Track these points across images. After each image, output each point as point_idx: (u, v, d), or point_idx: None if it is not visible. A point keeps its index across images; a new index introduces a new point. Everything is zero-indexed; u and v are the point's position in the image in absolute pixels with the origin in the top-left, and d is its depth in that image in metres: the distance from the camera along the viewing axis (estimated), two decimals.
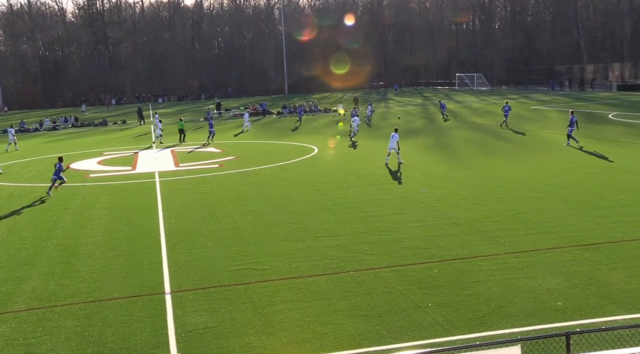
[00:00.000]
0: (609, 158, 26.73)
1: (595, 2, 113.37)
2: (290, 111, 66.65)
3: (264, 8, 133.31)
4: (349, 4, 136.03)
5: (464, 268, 13.25)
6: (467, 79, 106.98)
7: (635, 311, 10.52)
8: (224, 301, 12.04)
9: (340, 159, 30.76)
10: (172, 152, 37.06)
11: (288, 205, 20.48)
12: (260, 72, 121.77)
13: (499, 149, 31.80)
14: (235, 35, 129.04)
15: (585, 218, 16.80)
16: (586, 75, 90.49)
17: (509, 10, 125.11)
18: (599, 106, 56.63)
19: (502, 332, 9.99)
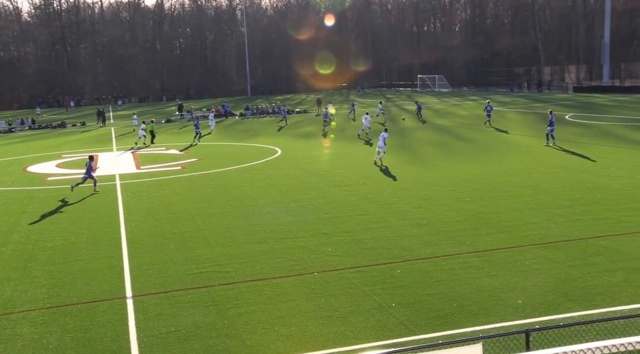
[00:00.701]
0: (565, 158, 27.33)
1: (552, 6, 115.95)
2: (253, 112, 66.36)
3: (226, 9, 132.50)
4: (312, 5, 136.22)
5: (427, 268, 13.38)
6: (428, 80, 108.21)
7: (591, 307, 10.78)
8: (186, 305, 11.91)
9: (304, 160, 30.77)
10: (134, 154, 36.53)
11: (251, 207, 20.39)
12: (223, 74, 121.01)
13: (460, 149, 32.22)
14: (197, 36, 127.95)
15: (543, 217, 17.14)
16: (544, 77, 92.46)
17: (469, 12, 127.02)
18: (556, 107, 57.87)
19: (464, 331, 10.12)
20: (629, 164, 24.96)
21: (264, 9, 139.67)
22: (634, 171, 23.22)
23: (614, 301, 10.97)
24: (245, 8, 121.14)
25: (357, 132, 40.59)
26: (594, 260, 13.28)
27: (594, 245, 14.37)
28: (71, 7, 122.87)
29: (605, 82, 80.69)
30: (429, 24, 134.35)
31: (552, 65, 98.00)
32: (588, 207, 17.94)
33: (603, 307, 10.75)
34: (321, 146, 36.89)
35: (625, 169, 23.73)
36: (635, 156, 26.69)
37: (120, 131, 54.57)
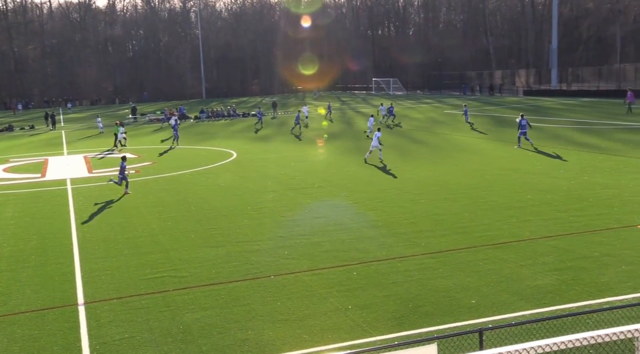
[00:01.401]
0: (516, 160, 27.96)
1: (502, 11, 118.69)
2: (208, 115, 65.78)
3: (180, 11, 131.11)
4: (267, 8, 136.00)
5: (383, 270, 13.49)
6: (383, 83, 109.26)
7: (542, 306, 11.04)
8: (141, 310, 11.72)
9: (260, 163, 30.65)
10: (85, 158, 35.76)
11: (207, 211, 20.20)
12: (177, 76, 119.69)
13: (415, 152, 32.62)
14: (151, 38, 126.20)
15: (495, 218, 17.49)
16: (495, 81, 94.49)
17: (422, 17, 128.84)
18: (507, 110, 59.19)
19: (419, 331, 10.24)
20: (577, 165, 25.69)
21: (218, 12, 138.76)
22: (581, 173, 23.91)
23: (563, 299, 11.26)
24: (200, 10, 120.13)
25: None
26: (544, 260, 13.61)
27: (544, 245, 14.73)
28: (18, 7, 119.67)
29: (553, 86, 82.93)
30: (383, 28, 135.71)
31: (503, 69, 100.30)
32: (538, 208, 18.38)
33: (553, 305, 11.02)
34: (277, 149, 36.81)
35: (573, 171, 24.42)
36: (582, 158, 27.49)
37: (71, 135, 53.38)
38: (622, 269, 12.75)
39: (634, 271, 12.57)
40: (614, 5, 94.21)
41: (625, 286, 11.77)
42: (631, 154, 27.92)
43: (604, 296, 11.34)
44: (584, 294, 11.51)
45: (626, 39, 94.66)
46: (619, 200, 18.87)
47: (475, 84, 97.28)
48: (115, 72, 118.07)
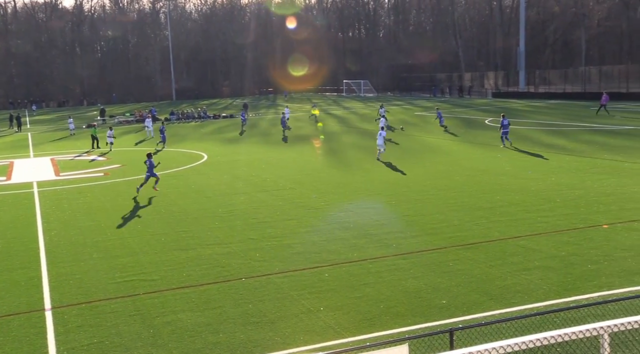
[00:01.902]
0: (486, 161, 28.31)
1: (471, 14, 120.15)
2: (178, 117, 65.25)
3: (149, 12, 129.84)
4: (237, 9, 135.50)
5: (354, 271, 13.53)
6: (354, 85, 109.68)
7: (511, 305, 11.19)
8: (110, 315, 11.57)
9: (231, 165, 30.51)
10: (52, 160, 35.17)
11: (177, 213, 20.03)
12: (147, 78, 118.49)
13: (386, 153, 32.78)
14: (119, 40, 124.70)
15: (465, 219, 17.67)
16: (464, 83, 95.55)
17: (392, 19, 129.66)
18: (476, 111, 59.91)
19: (390, 332, 10.30)
20: (544, 166, 26.11)
21: (188, 13, 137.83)
22: (549, 174, 24.31)
23: (531, 299, 11.44)
24: (169, 11, 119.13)
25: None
26: (513, 259, 13.80)
27: (513, 245, 14.94)
28: None
29: (521, 88, 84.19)
30: (354, 30, 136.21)
31: (472, 72, 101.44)
32: (507, 209, 18.63)
33: (521, 304, 11.18)
34: (248, 150, 36.67)
35: (541, 172, 24.81)
36: (549, 159, 27.94)
37: (38, 137, 52.48)
38: (588, 268, 12.99)
39: (599, 270, 12.82)
40: (578, 9, 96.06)
41: (591, 285, 12.00)
42: (596, 155, 28.48)
43: (570, 295, 11.54)
44: (551, 293, 11.70)
45: (591, 43, 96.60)
46: (584, 200, 19.23)
47: (445, 86, 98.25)
48: (83, 74, 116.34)
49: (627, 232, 15.50)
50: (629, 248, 14.17)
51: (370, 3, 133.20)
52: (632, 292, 11.40)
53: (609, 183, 21.74)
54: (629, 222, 16.36)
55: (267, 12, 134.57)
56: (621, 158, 27.05)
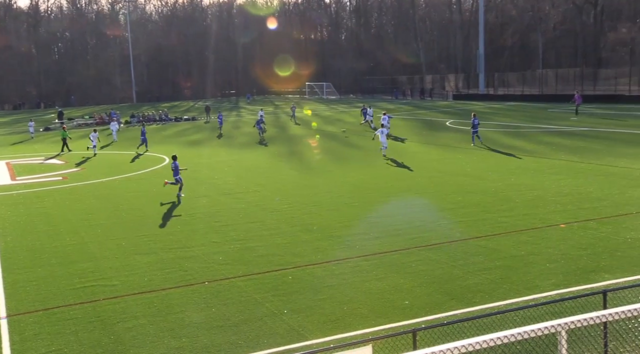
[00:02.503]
0: (447, 163, 28.67)
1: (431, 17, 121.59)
2: (139, 120, 64.37)
3: (108, 13, 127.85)
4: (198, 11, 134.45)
5: (318, 273, 13.54)
6: (316, 87, 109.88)
7: (472, 305, 11.35)
8: (69, 322, 11.33)
9: (192, 168, 30.21)
10: (8, 164, 34.31)
11: (138, 217, 19.75)
12: (106, 80, 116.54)
13: (348, 156, 32.94)
14: (78, 41, 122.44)
15: (428, 220, 17.86)
16: (426, 85, 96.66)
17: (354, 22, 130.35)
18: (438, 113, 60.65)
19: (354, 333, 10.33)
20: (504, 167, 26.57)
21: (148, 14, 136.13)
22: (508, 174, 24.74)
23: (492, 298, 11.62)
24: (129, 12, 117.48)
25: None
26: (474, 259, 14.00)
27: (474, 245, 15.15)
28: None
29: (481, 91, 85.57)
30: (316, 32, 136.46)
31: (433, 74, 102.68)
32: (468, 210, 18.90)
33: (482, 304, 11.34)
34: (211, 153, 36.39)
35: (500, 173, 25.24)
36: (509, 160, 28.45)
37: None
38: (546, 266, 13.26)
39: (557, 269, 13.10)
40: (535, 13, 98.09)
41: (549, 283, 12.25)
42: (554, 156, 29.11)
43: (529, 293, 11.76)
44: (511, 292, 11.90)
45: (547, 46, 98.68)
46: (543, 201, 19.63)
47: (407, 88, 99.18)
48: (39, 76, 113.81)
49: (583, 231, 15.87)
50: (585, 247, 14.52)
51: (332, 6, 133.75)
52: (587, 289, 11.68)
53: (566, 183, 22.24)
54: (585, 221, 16.77)
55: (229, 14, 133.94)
56: (577, 159, 27.71)
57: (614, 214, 17.44)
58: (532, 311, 9.40)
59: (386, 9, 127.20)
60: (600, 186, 21.32)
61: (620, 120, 44.95)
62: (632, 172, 23.55)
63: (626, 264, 13.19)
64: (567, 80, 74.70)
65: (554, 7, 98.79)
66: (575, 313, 6.70)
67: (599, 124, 42.71)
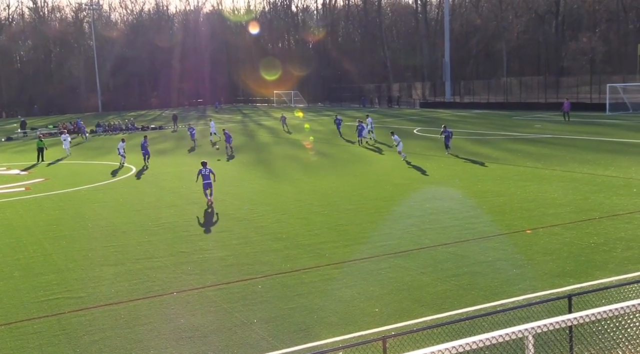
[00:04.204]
0: (415, 170, 28.90)
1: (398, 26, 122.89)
2: (105, 129, 63.53)
3: (72, 21, 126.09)
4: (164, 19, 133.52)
5: (288, 282, 13.50)
6: (284, 96, 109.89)
7: (442, 311, 11.43)
8: (32, 336, 11.08)
9: (160, 178, 29.92)
10: None
11: (104, 228, 19.45)
12: (71, 89, 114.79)
13: (316, 164, 32.98)
14: (40, 49, 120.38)
15: (397, 227, 17.96)
16: (393, 93, 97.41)
17: (321, 30, 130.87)
18: (405, 121, 61.16)
19: (324, 342, 10.31)
20: (470, 174, 26.90)
21: (114, 22, 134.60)
22: (475, 181, 25.05)
23: (461, 304, 11.72)
24: (94, 20, 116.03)
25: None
26: (443, 266, 14.12)
27: (443, 252, 15.29)
28: None
29: (447, 99, 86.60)
30: (284, 41, 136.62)
31: (400, 82, 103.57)
32: (437, 216, 19.06)
33: (451, 310, 11.43)
34: (177, 162, 36.07)
35: (467, 180, 25.54)
36: (475, 167, 28.81)
37: None
38: (513, 272, 13.44)
39: (524, 274, 13.29)
40: (499, 22, 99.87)
41: (516, 289, 12.41)
42: (519, 162, 29.58)
43: (497, 299, 11.90)
44: (479, 298, 12.03)
45: (511, 54, 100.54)
46: (509, 207, 19.92)
47: (374, 96, 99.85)
48: (0, 84, 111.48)
49: (549, 236, 16.15)
50: (550, 252, 14.76)
51: (299, 14, 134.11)
52: (553, 294, 11.87)
53: (531, 189, 22.61)
54: (550, 227, 17.06)
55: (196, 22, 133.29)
56: (541, 165, 28.20)
57: (577, 219, 17.78)
58: (500, 317, 9.50)
59: (353, 17, 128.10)
60: (564, 192, 21.73)
61: (583, 127, 45.94)
62: (595, 178, 24.06)
63: (590, 268, 13.45)
64: (531, 88, 76.06)
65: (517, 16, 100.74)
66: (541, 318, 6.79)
67: (562, 131, 43.58)
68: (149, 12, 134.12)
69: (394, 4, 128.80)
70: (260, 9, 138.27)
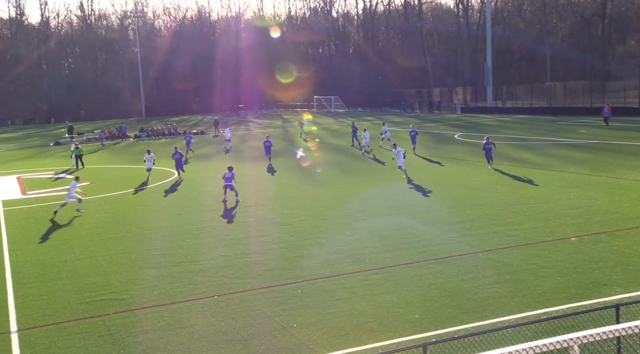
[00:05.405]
0: (456, 176, 28.61)
1: (439, 30, 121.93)
2: (148, 134, 64.70)
3: (118, 28, 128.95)
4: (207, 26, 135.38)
5: (327, 287, 13.51)
6: (325, 101, 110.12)
7: (483, 319, 11.27)
8: (79, 336, 11.34)
9: (201, 182, 30.31)
10: (19, 179, 34.53)
11: (148, 231, 19.80)
12: (115, 95, 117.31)
13: (356, 169, 32.94)
14: (87, 56, 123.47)
15: (437, 233, 17.80)
16: (433, 98, 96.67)
17: (361, 35, 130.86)
18: (446, 126, 60.61)
19: (364, 348, 10.28)
20: (513, 180, 26.47)
21: (157, 29, 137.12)
22: (518, 187, 24.65)
23: (503, 311, 11.54)
24: (138, 28, 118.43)
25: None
26: (484, 273, 13.93)
27: (484, 258, 15.08)
28: None
29: (489, 104, 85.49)
30: (324, 46, 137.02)
31: (440, 87, 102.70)
32: (478, 223, 18.83)
33: (493, 317, 11.27)
34: (219, 167, 36.46)
35: (510, 186, 25.15)
36: (518, 173, 28.33)
37: (3, 155, 51.52)
38: (558, 280, 13.17)
39: (569, 282, 13.01)
40: (543, 26, 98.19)
41: (561, 297, 12.16)
42: (563, 168, 29.00)
43: (541, 307, 11.68)
44: (522, 305, 11.82)
45: (555, 58, 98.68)
46: (553, 213, 19.53)
47: (415, 101, 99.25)
48: (50, 91, 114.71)
49: (595, 244, 15.77)
50: (596, 260, 14.42)
51: (340, 20, 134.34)
52: (600, 303, 11.59)
53: (576, 196, 22.13)
54: (596, 235, 16.66)
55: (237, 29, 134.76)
56: (587, 171, 27.58)
57: (625, 227, 17.33)
58: (544, 325, 9.33)
59: (393, 22, 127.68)
60: (610, 199, 21.21)
61: (630, 132, 44.77)
62: None
63: (639, 277, 13.08)
64: (576, 93, 74.51)
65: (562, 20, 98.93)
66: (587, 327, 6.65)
67: (608, 136, 42.56)
68: (192, 19, 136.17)
69: (435, 9, 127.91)
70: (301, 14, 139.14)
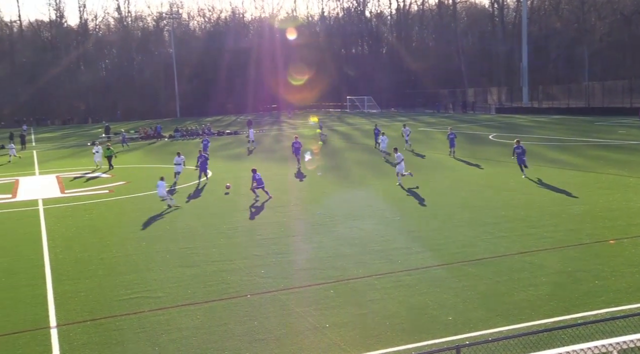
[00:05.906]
0: (490, 177, 28.27)
1: (473, 30, 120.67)
2: (182, 134, 65.44)
3: (153, 30, 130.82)
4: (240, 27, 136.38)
5: (360, 288, 13.48)
6: (357, 101, 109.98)
7: (518, 322, 11.12)
8: (115, 332, 11.53)
9: (234, 182, 30.52)
10: (58, 178, 35.28)
11: (182, 230, 20.03)
12: (151, 95, 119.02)
13: (389, 169, 32.78)
14: (124, 57, 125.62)
15: (471, 235, 17.62)
16: (468, 99, 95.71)
17: (395, 35, 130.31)
18: (480, 127, 59.97)
19: (396, 349, 10.23)
20: (549, 182, 26.05)
21: (192, 30, 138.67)
22: (553, 189, 24.24)
23: (539, 315, 11.36)
24: (173, 29, 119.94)
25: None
26: (519, 275, 13.73)
27: (519, 261, 14.87)
28: None
29: (525, 104, 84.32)
30: (357, 46, 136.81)
31: (475, 87, 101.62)
32: (512, 224, 18.58)
33: (528, 321, 11.11)
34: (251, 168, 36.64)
35: (545, 187, 24.75)
36: (554, 174, 27.88)
37: (43, 155, 52.68)
38: (595, 283, 12.92)
39: (607, 286, 12.74)
40: (580, 25, 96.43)
41: (599, 301, 11.92)
42: (601, 170, 28.43)
43: (578, 311, 11.47)
44: (559, 309, 11.62)
45: (593, 58, 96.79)
46: (590, 216, 19.17)
47: (449, 102, 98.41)
48: (87, 91, 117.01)
49: (634, 247, 15.42)
50: (636, 264, 14.10)
51: (373, 20, 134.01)
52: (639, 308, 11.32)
53: (615, 198, 21.68)
54: (636, 238, 16.29)
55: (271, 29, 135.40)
56: (626, 173, 26.99)
57: None
58: (581, 330, 9.15)
59: (427, 22, 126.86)
60: None
61: None
62: None
63: None
64: (615, 93, 72.96)
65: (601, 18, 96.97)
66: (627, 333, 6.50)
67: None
68: (226, 20, 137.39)
69: (470, 8, 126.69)
70: (334, 15, 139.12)
